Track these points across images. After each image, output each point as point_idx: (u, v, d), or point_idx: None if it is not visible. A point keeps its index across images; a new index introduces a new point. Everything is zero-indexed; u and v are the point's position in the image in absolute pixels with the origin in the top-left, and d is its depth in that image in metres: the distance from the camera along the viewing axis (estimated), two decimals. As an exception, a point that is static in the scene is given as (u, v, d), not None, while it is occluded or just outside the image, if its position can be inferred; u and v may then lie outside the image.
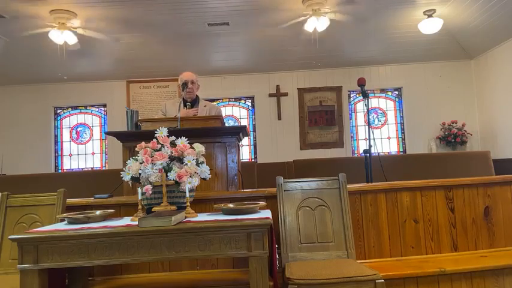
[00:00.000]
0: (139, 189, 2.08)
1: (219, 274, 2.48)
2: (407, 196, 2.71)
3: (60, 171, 7.47)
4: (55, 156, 7.53)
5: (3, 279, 2.18)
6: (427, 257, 2.62)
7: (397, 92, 7.62)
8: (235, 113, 7.70)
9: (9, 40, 5.92)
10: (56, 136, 7.60)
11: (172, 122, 2.96)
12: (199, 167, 2.19)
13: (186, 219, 2.01)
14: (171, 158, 2.17)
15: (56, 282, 2.04)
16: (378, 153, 3.69)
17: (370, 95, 6.06)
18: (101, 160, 7.60)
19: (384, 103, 7.66)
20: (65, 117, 7.69)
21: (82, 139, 7.66)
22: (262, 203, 2.23)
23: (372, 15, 5.76)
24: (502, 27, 5.82)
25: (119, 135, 2.98)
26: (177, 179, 2.08)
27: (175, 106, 3.56)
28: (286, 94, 7.45)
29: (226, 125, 3.95)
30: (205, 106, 3.64)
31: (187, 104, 3.55)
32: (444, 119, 7.19)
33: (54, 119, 7.61)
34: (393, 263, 2.56)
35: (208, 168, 2.23)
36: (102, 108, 7.67)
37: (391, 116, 7.64)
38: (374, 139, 3.39)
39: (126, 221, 2.09)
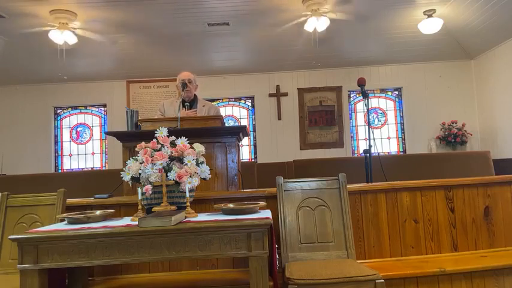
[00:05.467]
0: (139, 189, 2.08)
1: (219, 274, 2.48)
2: (407, 196, 2.71)
3: (60, 171, 7.46)
4: (55, 156, 7.53)
5: (3, 279, 2.18)
6: (427, 257, 2.62)
7: (397, 92, 7.62)
8: (235, 113, 7.70)
9: (9, 40, 5.92)
10: (56, 136, 7.60)
11: (172, 122, 2.96)
12: (199, 167, 2.19)
13: (186, 219, 2.01)
14: (171, 158, 2.17)
15: (56, 282, 2.04)
16: (378, 153, 3.70)
17: (370, 95, 6.07)
18: (101, 160, 7.60)
19: (383, 103, 7.66)
20: (65, 117, 7.69)
21: (82, 139, 7.66)
22: (262, 203, 2.23)
23: (372, 15, 5.76)
24: (502, 27, 5.82)
25: (118, 135, 2.98)
26: (177, 179, 2.08)
27: (173, 106, 3.56)
28: (286, 94, 7.46)
29: (226, 125, 3.95)
30: (203, 106, 3.64)
31: (186, 104, 3.55)
32: (444, 119, 7.19)
33: (54, 119, 7.61)
34: (393, 263, 2.56)
35: (208, 168, 2.23)
36: (102, 108, 7.67)
37: (391, 116, 7.64)
38: (374, 139, 3.39)
39: (126, 221, 2.09)
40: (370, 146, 3.21)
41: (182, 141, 2.20)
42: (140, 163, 2.13)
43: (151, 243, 1.83)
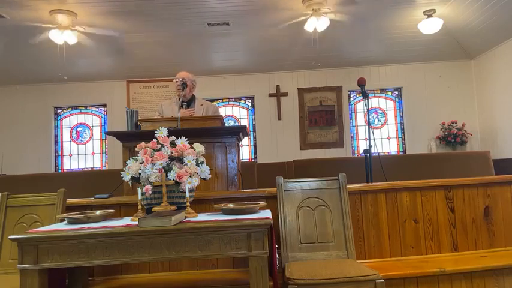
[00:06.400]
0: (139, 189, 2.08)
1: (219, 274, 2.48)
2: (407, 196, 2.71)
3: (60, 171, 7.46)
4: (55, 156, 7.53)
5: (3, 279, 2.18)
6: (427, 257, 2.62)
7: (397, 92, 7.62)
8: (235, 113, 7.70)
9: (9, 40, 5.92)
10: (56, 136, 7.59)
11: (172, 122, 2.96)
12: (199, 167, 2.19)
13: (186, 219, 2.01)
14: (171, 158, 2.17)
15: (56, 282, 2.04)
16: (378, 153, 3.70)
17: (370, 95, 6.07)
18: (101, 160, 7.60)
19: (383, 103, 7.66)
20: (65, 117, 7.69)
21: (82, 139, 7.66)
22: (262, 203, 2.23)
23: (372, 15, 5.75)
24: (502, 27, 5.82)
25: (119, 135, 2.98)
26: (177, 179, 2.08)
27: (171, 106, 3.58)
28: (286, 94, 7.45)
29: (226, 125, 3.95)
30: (201, 105, 3.64)
31: (184, 103, 3.56)
32: (444, 119, 7.19)
33: (54, 119, 7.61)
34: (393, 263, 2.56)
35: (208, 168, 2.23)
36: (102, 108, 7.67)
37: (391, 116, 7.64)
38: (374, 139, 3.39)
39: (126, 221, 2.09)
40: (370, 146, 3.21)
41: (182, 141, 2.20)
42: (140, 163, 2.13)
43: (151, 243, 1.83)
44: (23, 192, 2.49)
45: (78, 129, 7.68)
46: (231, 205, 2.23)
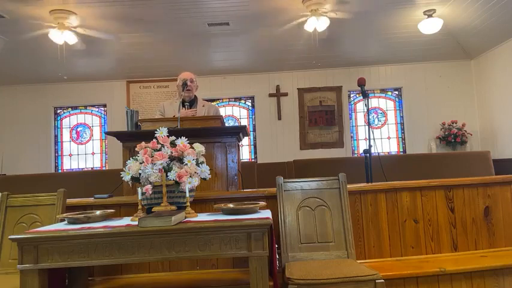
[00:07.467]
0: (139, 189, 2.08)
1: (219, 274, 2.48)
2: (407, 196, 2.71)
3: (60, 171, 7.46)
4: (55, 156, 7.53)
5: (3, 279, 2.18)
6: (427, 257, 2.62)
7: (397, 92, 7.62)
8: (235, 113, 7.69)
9: (9, 40, 5.92)
10: (56, 136, 7.59)
11: (172, 122, 2.96)
12: (199, 167, 2.19)
13: (186, 219, 2.01)
14: (171, 158, 2.17)
15: (56, 282, 2.04)
16: (378, 153, 3.70)
17: (370, 95, 6.07)
18: (101, 160, 7.60)
19: (383, 103, 7.66)
20: (65, 117, 7.69)
21: (82, 139, 7.66)
22: (262, 203, 2.23)
23: (372, 15, 5.75)
24: (502, 27, 5.82)
25: (119, 135, 2.98)
26: (177, 179, 2.08)
27: (172, 106, 3.57)
28: (286, 94, 7.45)
29: (226, 125, 3.95)
30: (203, 106, 3.64)
31: (186, 104, 3.56)
32: (444, 119, 7.19)
33: (54, 119, 7.61)
34: (393, 263, 2.56)
35: (208, 168, 2.23)
36: (102, 108, 7.67)
37: (391, 116, 7.64)
38: (374, 139, 3.38)
39: (126, 221, 2.09)
40: (370, 146, 3.21)
41: (182, 141, 2.20)
42: (140, 163, 2.13)
43: (151, 243, 1.83)
44: (23, 192, 2.49)
45: (78, 129, 7.68)
46: (231, 205, 2.23)
